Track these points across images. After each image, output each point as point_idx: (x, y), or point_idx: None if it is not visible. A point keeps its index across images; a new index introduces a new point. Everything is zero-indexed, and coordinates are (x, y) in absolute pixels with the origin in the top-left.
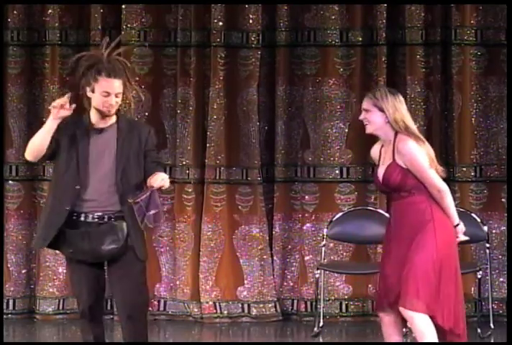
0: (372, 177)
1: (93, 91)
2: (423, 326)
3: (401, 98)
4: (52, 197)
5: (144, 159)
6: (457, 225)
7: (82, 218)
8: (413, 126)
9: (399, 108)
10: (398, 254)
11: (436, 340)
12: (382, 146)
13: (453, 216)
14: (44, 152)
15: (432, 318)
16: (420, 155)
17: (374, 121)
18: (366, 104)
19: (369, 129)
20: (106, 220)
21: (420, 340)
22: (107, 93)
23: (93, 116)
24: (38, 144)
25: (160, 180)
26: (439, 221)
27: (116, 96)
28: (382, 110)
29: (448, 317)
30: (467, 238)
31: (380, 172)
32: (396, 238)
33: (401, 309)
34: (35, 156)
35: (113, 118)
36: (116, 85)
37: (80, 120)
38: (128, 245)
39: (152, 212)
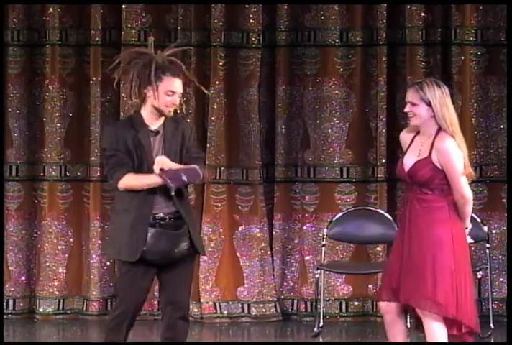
0: (372, 177)
1: (155, 90)
2: (435, 327)
3: (447, 91)
4: (130, 203)
5: (185, 154)
6: (466, 228)
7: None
8: (457, 124)
9: (447, 103)
10: (409, 249)
11: (445, 340)
12: (416, 133)
13: (466, 221)
14: None
15: (449, 319)
16: (456, 158)
17: (421, 114)
18: (412, 97)
19: (414, 122)
20: (167, 221)
21: (431, 340)
22: (172, 93)
23: (147, 116)
24: (136, 188)
25: (156, 164)
26: (455, 222)
27: (178, 96)
28: (429, 104)
29: (469, 317)
30: (472, 240)
31: (409, 161)
32: (408, 233)
33: (417, 310)
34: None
35: (162, 118)
36: (180, 85)
37: (132, 120)
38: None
39: (184, 178)
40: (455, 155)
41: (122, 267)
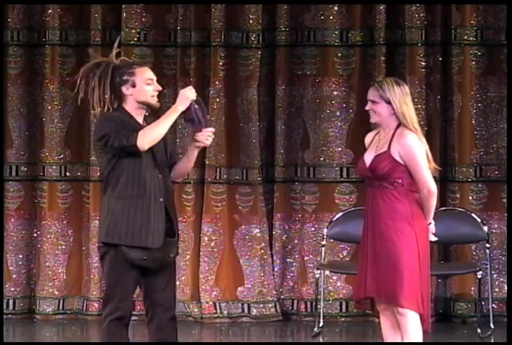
0: None
1: (134, 86)
2: (414, 324)
3: (407, 90)
4: (141, 188)
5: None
6: (429, 224)
7: None
8: (416, 121)
9: (406, 101)
10: (373, 246)
11: (421, 338)
12: (376, 133)
13: (430, 216)
14: None
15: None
16: (419, 151)
17: (380, 112)
18: (372, 95)
19: (374, 119)
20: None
21: (406, 337)
22: (151, 80)
23: (132, 113)
24: (163, 134)
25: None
26: (418, 218)
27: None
28: (389, 102)
29: (425, 313)
30: (436, 238)
31: (369, 157)
32: (371, 232)
33: (394, 308)
34: (152, 144)
35: (143, 114)
36: (151, 71)
37: (125, 117)
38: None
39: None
40: (418, 150)
41: (114, 271)
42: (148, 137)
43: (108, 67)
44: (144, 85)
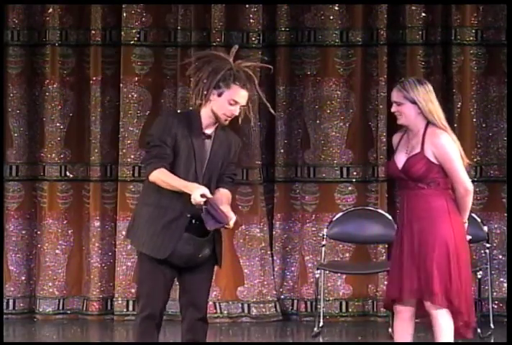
0: (372, 177)
1: (219, 95)
2: (446, 322)
3: (430, 87)
4: (166, 199)
5: (223, 168)
6: (464, 223)
7: None
8: (444, 117)
9: (431, 98)
10: (410, 245)
11: (452, 336)
12: (404, 133)
13: (465, 215)
14: None
15: (453, 313)
16: (454, 151)
17: (407, 113)
18: (396, 96)
19: (401, 121)
20: (193, 224)
21: (439, 335)
22: (235, 102)
23: (204, 118)
24: (167, 187)
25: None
26: (455, 216)
27: (240, 107)
28: (414, 102)
29: (468, 311)
30: (469, 237)
31: (400, 159)
32: (408, 230)
33: (427, 304)
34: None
35: (216, 124)
36: (245, 97)
37: (190, 118)
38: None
39: (217, 222)
40: (452, 149)
41: (144, 268)
42: (156, 180)
43: (223, 66)
44: (226, 102)
